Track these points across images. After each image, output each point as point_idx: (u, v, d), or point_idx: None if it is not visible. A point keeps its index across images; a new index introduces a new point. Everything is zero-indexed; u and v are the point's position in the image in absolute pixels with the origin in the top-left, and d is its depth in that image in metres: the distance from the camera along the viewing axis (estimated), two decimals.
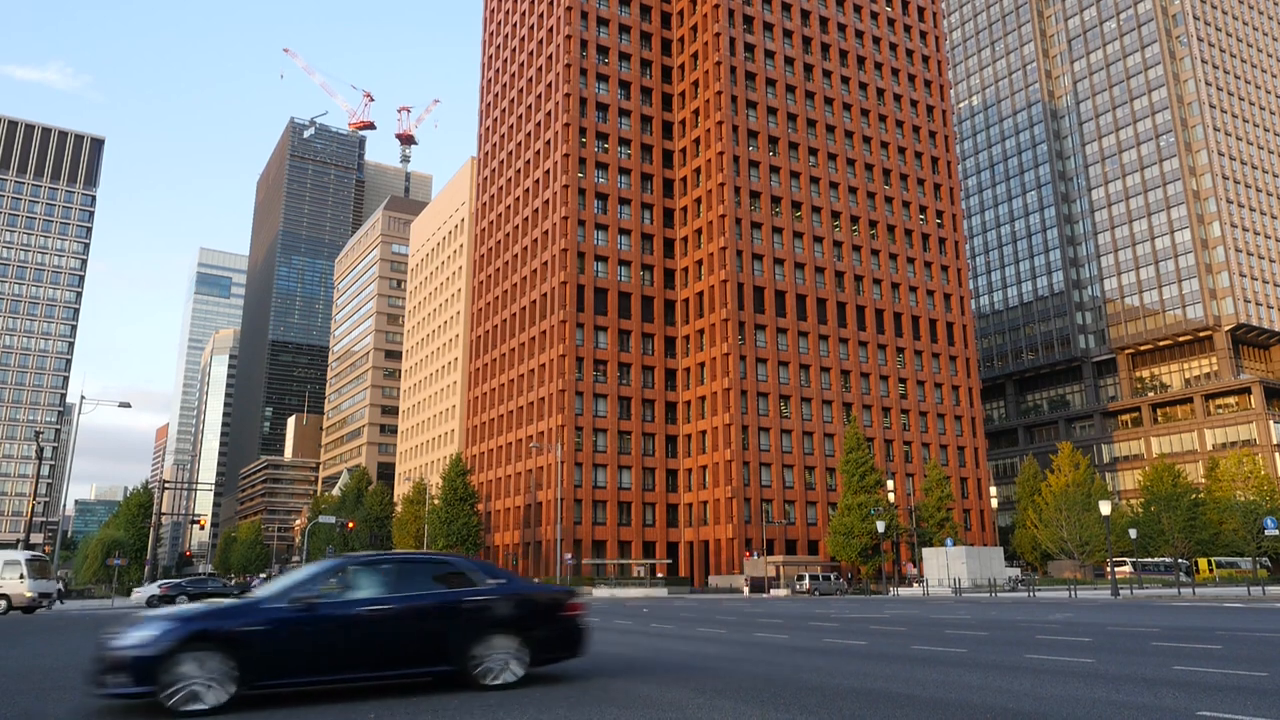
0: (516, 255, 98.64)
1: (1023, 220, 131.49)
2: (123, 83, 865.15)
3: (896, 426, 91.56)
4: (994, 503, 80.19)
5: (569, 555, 76.94)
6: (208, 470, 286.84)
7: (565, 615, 11.10)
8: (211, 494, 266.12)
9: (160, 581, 58.51)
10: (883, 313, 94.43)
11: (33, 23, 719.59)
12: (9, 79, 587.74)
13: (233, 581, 77.40)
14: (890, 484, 73.75)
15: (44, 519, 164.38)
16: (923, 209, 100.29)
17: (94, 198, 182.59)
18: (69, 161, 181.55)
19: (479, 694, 9.87)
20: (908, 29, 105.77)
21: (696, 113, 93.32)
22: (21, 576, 37.41)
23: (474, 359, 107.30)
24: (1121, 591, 49.61)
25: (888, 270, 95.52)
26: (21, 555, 38.90)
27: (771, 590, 66.40)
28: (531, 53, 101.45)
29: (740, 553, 78.10)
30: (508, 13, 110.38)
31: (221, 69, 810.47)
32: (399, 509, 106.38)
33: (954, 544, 69.21)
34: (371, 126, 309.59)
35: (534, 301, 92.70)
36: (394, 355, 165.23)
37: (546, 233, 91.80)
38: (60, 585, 59.79)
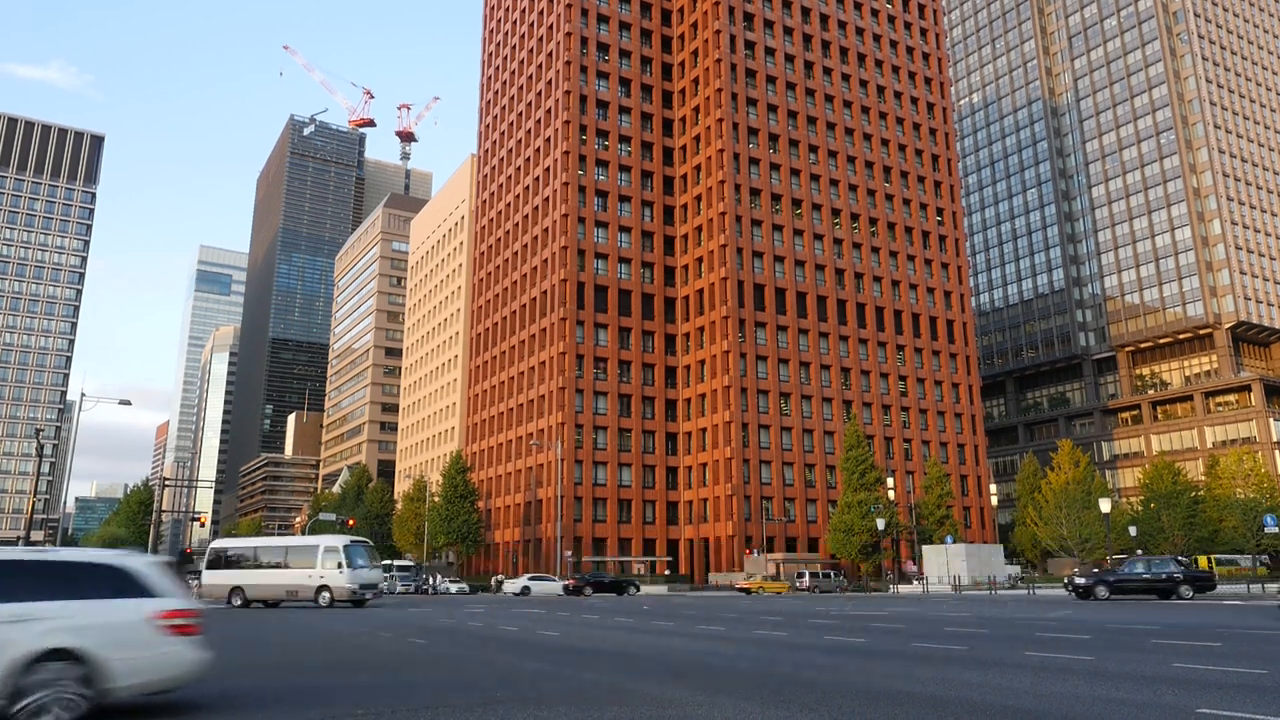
0: (516, 253, 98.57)
1: (1023, 217, 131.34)
2: (123, 82, 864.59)
3: (896, 424, 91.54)
4: (994, 500, 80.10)
5: (569, 553, 77.00)
6: (208, 468, 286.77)
7: None
8: (212, 491, 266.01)
9: (530, 575, 57.44)
10: (883, 310, 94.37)
11: (34, 22, 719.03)
12: (10, 77, 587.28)
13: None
14: (890, 481, 73.66)
15: (44, 516, 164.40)
16: (923, 206, 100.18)
17: (94, 195, 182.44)
18: (69, 159, 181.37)
19: (483, 691, 9.84)
20: (908, 26, 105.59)
21: (697, 110, 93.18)
22: (340, 566, 34.50)
23: (474, 356, 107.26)
24: None
25: (888, 268, 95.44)
26: (340, 541, 35.75)
27: None
28: (532, 50, 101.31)
29: (740, 550, 78.14)
30: (508, 10, 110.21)
31: (221, 68, 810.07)
32: (399, 506, 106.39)
33: (954, 541, 69.32)
34: (371, 124, 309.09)
35: (534, 299, 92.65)
36: (394, 353, 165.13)
37: (546, 230, 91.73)
38: (385, 576, 53.92)
